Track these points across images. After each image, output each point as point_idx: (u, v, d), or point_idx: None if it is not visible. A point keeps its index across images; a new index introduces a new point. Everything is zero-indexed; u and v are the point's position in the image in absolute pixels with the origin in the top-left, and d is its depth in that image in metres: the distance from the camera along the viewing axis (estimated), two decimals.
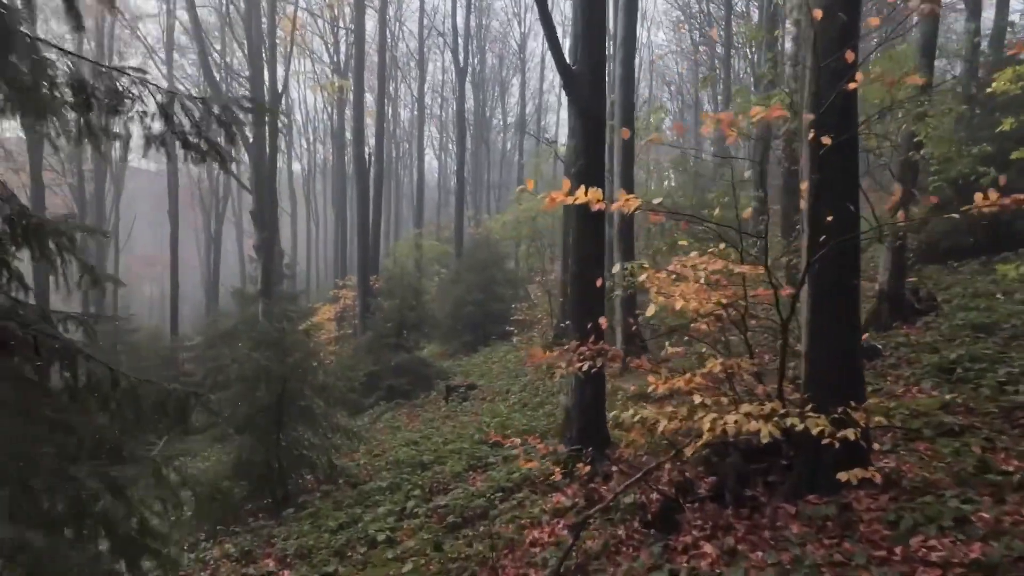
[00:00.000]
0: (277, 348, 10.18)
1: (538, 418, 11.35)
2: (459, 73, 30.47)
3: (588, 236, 7.21)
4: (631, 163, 13.60)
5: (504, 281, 24.84)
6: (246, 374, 10.08)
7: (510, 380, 16.19)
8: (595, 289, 7.25)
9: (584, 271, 7.22)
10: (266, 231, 18.01)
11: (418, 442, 12.18)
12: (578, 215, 7.23)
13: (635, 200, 4.63)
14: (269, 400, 10.07)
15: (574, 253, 7.25)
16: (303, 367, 10.27)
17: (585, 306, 7.24)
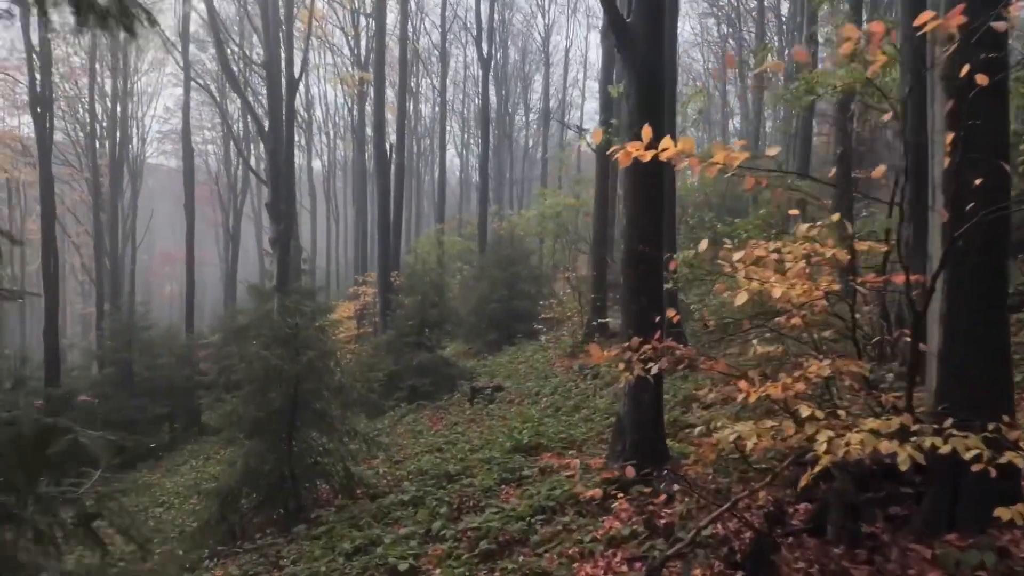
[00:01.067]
0: (289, 346, 9.24)
1: (574, 424, 10.31)
2: (483, 64, 29.51)
3: (646, 212, 6.18)
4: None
5: (529, 278, 23.80)
6: (255, 374, 9.16)
7: (539, 381, 15.16)
8: (654, 276, 6.24)
9: (641, 254, 6.19)
10: (282, 224, 17.16)
11: (442, 449, 11.20)
12: (636, 191, 6.21)
13: (737, 154, 3.58)
14: (281, 402, 9.14)
15: (629, 233, 6.21)
16: (318, 366, 9.32)
17: (642, 296, 6.22)
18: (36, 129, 18.96)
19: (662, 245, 6.48)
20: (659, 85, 6.24)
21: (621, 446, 6.28)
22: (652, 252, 6.15)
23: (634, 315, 6.16)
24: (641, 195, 6.20)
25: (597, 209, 17.33)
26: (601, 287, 17.81)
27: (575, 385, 13.90)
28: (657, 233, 6.29)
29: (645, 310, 6.05)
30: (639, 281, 6.20)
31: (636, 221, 6.19)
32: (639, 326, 5.96)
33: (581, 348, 17.36)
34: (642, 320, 6.01)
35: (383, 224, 22.16)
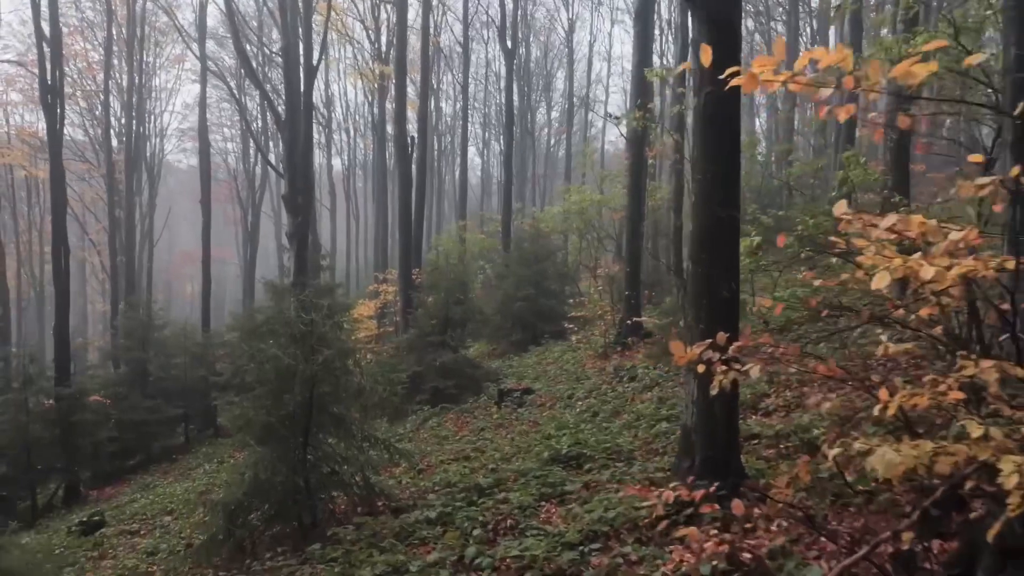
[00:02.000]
0: (304, 344, 8.36)
1: (616, 431, 9.33)
2: (506, 56, 28.57)
3: (730, 172, 5.18)
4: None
5: (555, 275, 22.86)
6: (267, 375, 8.29)
7: (571, 384, 14.21)
8: (729, 263, 5.26)
9: (726, 222, 5.20)
10: (299, 217, 16.34)
11: (470, 457, 10.29)
12: (720, 144, 5.22)
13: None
14: (295, 406, 8.26)
15: (707, 198, 5.18)
16: (335, 366, 8.43)
17: (727, 281, 5.23)
18: (47, 120, 18.32)
19: (739, 226, 5.48)
20: (735, 35, 5.26)
21: (688, 462, 5.30)
22: (723, 239, 5.19)
23: (716, 305, 5.16)
24: (726, 151, 5.19)
25: (630, 200, 16.32)
26: (635, 283, 16.81)
27: (611, 388, 12.93)
28: (735, 203, 5.30)
29: (731, 300, 5.09)
30: (723, 261, 5.20)
31: (720, 181, 5.16)
32: (723, 318, 4.99)
33: (614, 348, 16.39)
34: (727, 311, 5.06)
35: (404, 218, 21.29)
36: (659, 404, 10.11)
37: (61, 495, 17.94)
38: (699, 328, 5.26)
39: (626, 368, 13.84)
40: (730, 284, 5.24)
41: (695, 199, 5.39)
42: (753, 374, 3.75)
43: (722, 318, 5.13)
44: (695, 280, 5.34)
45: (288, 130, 16.22)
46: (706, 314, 5.20)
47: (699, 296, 5.30)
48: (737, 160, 5.32)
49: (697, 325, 5.28)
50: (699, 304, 5.27)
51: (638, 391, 12.14)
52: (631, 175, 16.46)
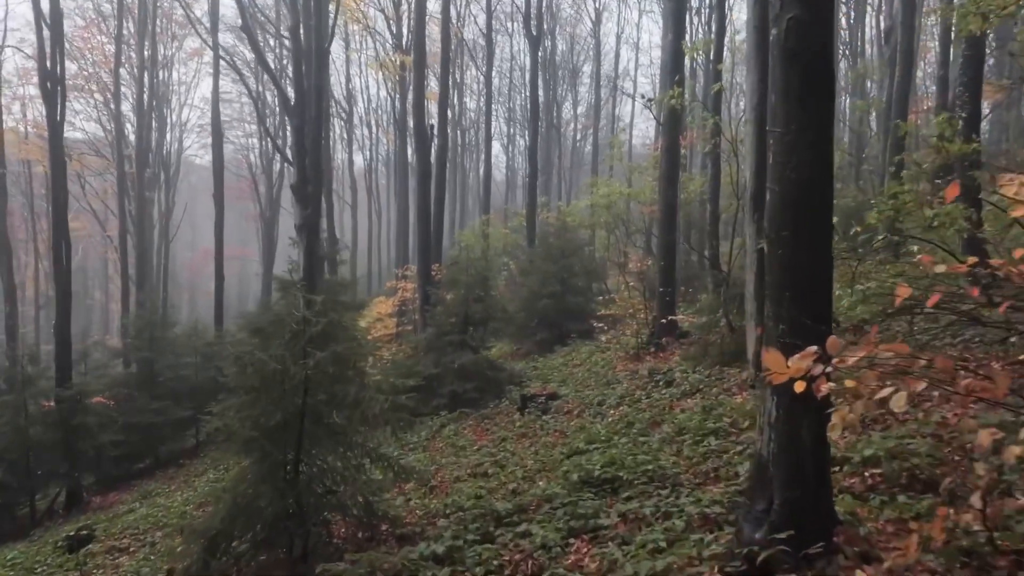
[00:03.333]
0: (294, 346, 7.22)
1: (656, 447, 8.04)
2: (532, 44, 27.32)
3: (810, 132, 3.87)
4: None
5: (583, 271, 21.54)
6: (250, 380, 7.15)
7: (602, 389, 12.93)
8: (820, 241, 3.98)
9: (801, 207, 3.91)
10: (309, 208, 15.28)
11: (488, 474, 9.09)
12: (797, 95, 3.93)
13: None
14: (282, 416, 7.12)
15: (782, 176, 3.90)
16: (329, 372, 7.26)
17: (802, 273, 3.95)
18: (46, 109, 17.42)
19: (832, 204, 4.18)
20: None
21: (764, 503, 4.03)
22: (817, 220, 3.91)
23: (803, 299, 3.83)
24: (815, 94, 3.87)
25: (665, 187, 14.99)
26: (669, 279, 15.49)
27: (645, 393, 11.64)
28: (831, 161, 3.99)
29: (822, 291, 3.83)
30: (812, 240, 3.87)
31: (808, 133, 3.82)
32: (811, 315, 3.73)
33: (647, 349, 15.10)
34: (818, 306, 3.79)
35: (423, 211, 20.16)
36: (704, 415, 8.81)
37: (63, 501, 17.11)
38: (779, 329, 3.98)
39: (662, 371, 12.56)
40: (822, 270, 3.95)
41: (773, 160, 4.10)
42: (898, 404, 2.47)
43: (811, 314, 3.85)
44: (775, 266, 4.05)
45: (297, 115, 15.15)
46: (789, 311, 3.91)
47: (779, 287, 4.01)
48: (829, 107, 4.02)
49: (777, 325, 3.99)
50: (779, 298, 3.98)
51: (677, 397, 10.85)
52: (665, 160, 15.13)
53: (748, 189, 10.73)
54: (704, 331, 14.02)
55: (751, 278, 10.66)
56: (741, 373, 11.13)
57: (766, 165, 10.40)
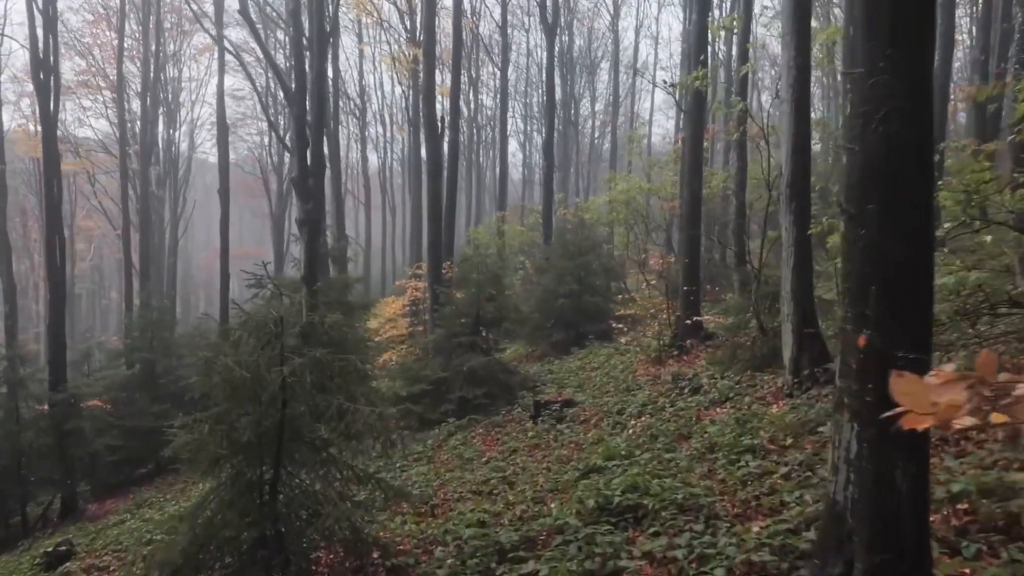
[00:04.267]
0: (271, 352, 6.31)
1: (685, 466, 7.05)
2: (548, 34, 26.35)
3: (903, 79, 2.86)
4: None
5: (601, 270, 20.52)
6: (217, 390, 6.25)
7: (621, 396, 11.95)
8: (917, 219, 2.97)
9: (892, 175, 2.91)
10: (310, 202, 14.40)
11: (495, 493, 8.14)
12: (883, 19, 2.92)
13: None
14: (254, 432, 6.21)
15: (864, 134, 2.89)
16: (315, 378, 6.34)
17: (890, 262, 2.94)
18: (39, 100, 16.73)
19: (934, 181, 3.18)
20: None
21: (841, 568, 3.02)
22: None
23: (891, 294, 2.84)
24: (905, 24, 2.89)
25: (689, 177, 13.95)
26: (693, 277, 14.47)
27: (669, 402, 10.64)
28: (931, 117, 3.00)
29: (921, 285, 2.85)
30: (905, 217, 2.86)
31: (900, 82, 2.84)
32: (905, 317, 2.76)
33: (670, 352, 14.10)
34: (917, 304, 2.81)
35: (434, 206, 19.24)
36: (738, 428, 7.80)
37: (57, 509, 16.41)
38: (859, 333, 2.97)
39: (687, 377, 11.55)
40: (921, 256, 2.95)
41: (852, 112, 3.10)
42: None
43: (906, 316, 2.86)
44: (856, 252, 3.04)
45: (297, 102, 14.28)
46: (877, 311, 2.92)
47: (862, 280, 3.01)
48: (930, 40, 3.02)
49: (858, 330, 2.99)
50: (862, 294, 2.98)
51: (705, 407, 9.85)
52: (689, 148, 14.09)
53: (784, 176, 9.72)
54: (732, 333, 13.00)
55: (788, 275, 9.65)
56: (776, 380, 10.12)
57: (806, 146, 9.32)
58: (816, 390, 9.03)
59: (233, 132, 42.11)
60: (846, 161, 3.13)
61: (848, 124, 3.10)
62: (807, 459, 6.24)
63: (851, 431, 3.05)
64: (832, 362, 9.63)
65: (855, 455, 3.02)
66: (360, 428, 6.11)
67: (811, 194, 10.09)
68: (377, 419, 6.06)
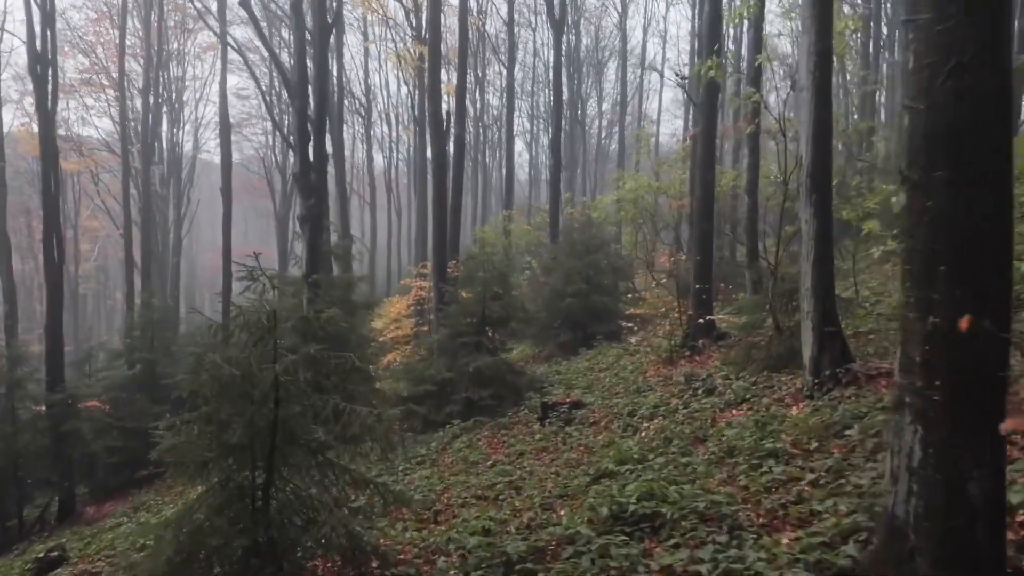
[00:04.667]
0: (263, 349, 5.93)
1: (703, 471, 6.63)
2: (555, 29, 25.98)
3: (975, 44, 2.44)
4: None
5: (609, 269, 20.09)
6: (205, 389, 5.87)
7: (631, 397, 11.53)
8: (1001, 201, 2.54)
9: (964, 136, 2.49)
10: (312, 199, 14.05)
11: (501, 499, 7.74)
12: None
13: None
14: (251, 432, 5.84)
15: (930, 87, 2.47)
16: (311, 376, 5.96)
17: (973, 249, 2.52)
18: (35, 94, 16.42)
19: None
20: None
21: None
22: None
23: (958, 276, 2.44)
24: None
25: (701, 172, 13.55)
26: (705, 275, 14.04)
27: (682, 403, 10.21)
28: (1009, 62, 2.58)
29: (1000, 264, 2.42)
30: (982, 184, 2.43)
31: (982, 39, 2.41)
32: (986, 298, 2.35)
33: (681, 352, 13.66)
34: (996, 285, 2.40)
35: (439, 204, 18.86)
36: (759, 431, 7.38)
37: (55, 512, 16.09)
38: (930, 323, 2.55)
39: (700, 377, 11.12)
40: (1000, 231, 2.53)
41: (915, 65, 2.68)
42: None
43: (983, 301, 2.45)
44: (922, 226, 2.62)
45: (298, 97, 13.92)
46: (949, 294, 2.50)
47: (930, 259, 2.59)
48: None
49: (924, 317, 2.57)
50: (928, 275, 2.56)
51: (720, 408, 9.42)
52: (702, 142, 13.67)
53: (804, 166, 9.28)
54: (746, 332, 12.56)
55: (808, 270, 9.21)
56: (794, 380, 9.69)
57: (827, 135, 8.87)
58: (838, 391, 8.60)
59: (238, 132, 41.94)
60: (908, 122, 2.71)
61: (911, 79, 2.69)
62: (836, 464, 5.81)
63: (914, 435, 2.64)
64: (854, 362, 9.21)
65: (919, 462, 2.61)
66: (357, 430, 5.71)
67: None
68: (376, 421, 5.66)
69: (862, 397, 7.79)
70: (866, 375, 8.74)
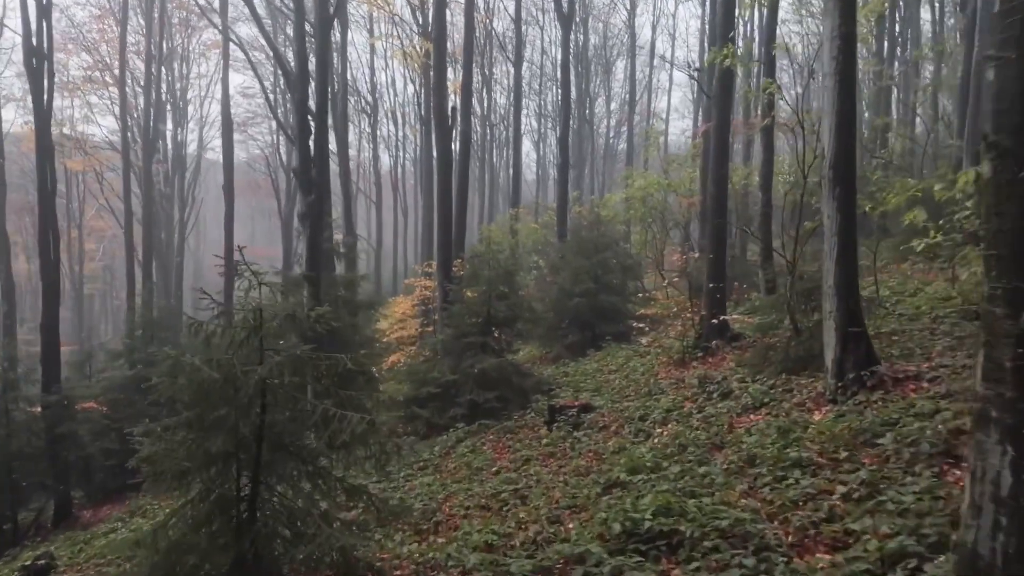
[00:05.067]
0: (249, 344, 5.50)
1: (722, 482, 6.16)
2: (563, 23, 25.51)
3: None
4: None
5: (618, 268, 19.58)
6: (182, 393, 5.43)
7: (643, 400, 11.04)
8: None
9: None
10: (313, 194, 13.63)
11: (505, 510, 7.28)
12: None
13: None
14: (235, 440, 5.41)
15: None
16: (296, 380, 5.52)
17: None
18: (31, 88, 16.04)
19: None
20: None
21: None
22: None
23: None
24: None
25: (715, 166, 13.05)
26: (719, 273, 13.55)
27: (697, 407, 9.73)
28: None
29: None
30: None
31: None
32: None
33: (694, 354, 13.17)
34: None
35: (443, 201, 18.42)
36: (781, 439, 6.89)
37: (51, 515, 15.72)
38: (1016, 316, 2.08)
39: (714, 380, 10.64)
40: None
41: (1000, 11, 2.21)
42: None
43: None
44: (1014, 199, 2.15)
45: (299, 89, 13.51)
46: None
47: None
48: None
49: (1015, 309, 2.10)
50: (1020, 260, 2.10)
51: (737, 413, 8.94)
52: (715, 136, 13.16)
53: (827, 158, 8.79)
54: (762, 333, 12.07)
55: (831, 267, 8.70)
56: (815, 383, 9.20)
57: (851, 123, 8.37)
58: (863, 395, 8.11)
59: (244, 131, 41.67)
60: (994, 77, 2.23)
61: (998, 23, 2.22)
62: (870, 477, 5.32)
63: (1002, 457, 2.17)
64: (880, 364, 8.72)
65: (1009, 491, 2.14)
66: (347, 438, 5.26)
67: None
68: (368, 427, 5.21)
69: (890, 402, 7.30)
70: (893, 378, 8.25)
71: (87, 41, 30.26)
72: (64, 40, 28.63)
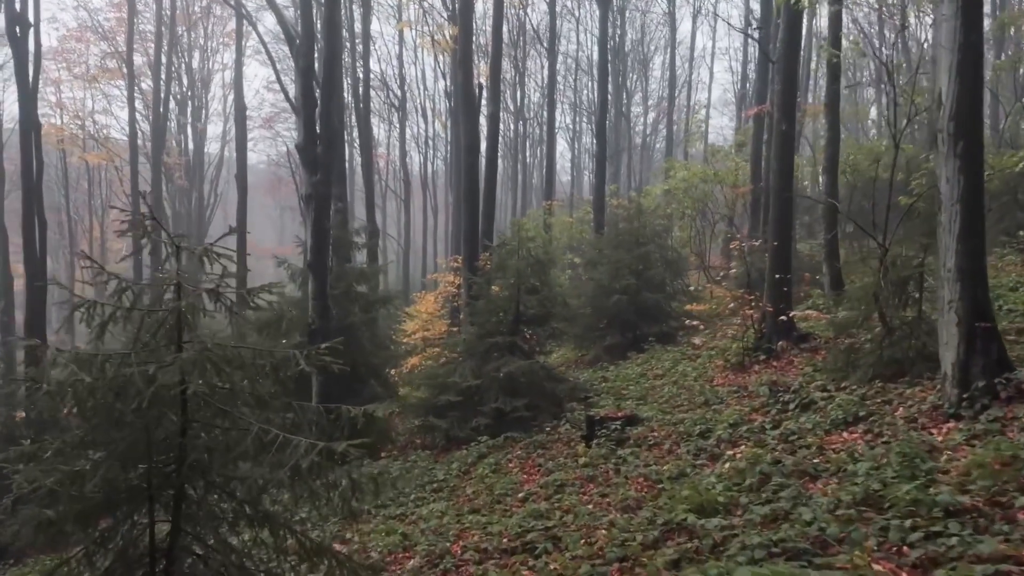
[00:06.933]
0: (162, 334, 3.84)
1: (834, 530, 4.32)
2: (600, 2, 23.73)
3: None
4: None
5: (662, 263, 17.65)
6: (87, 409, 3.77)
7: (700, 412, 9.19)
8: None
9: None
10: (318, 174, 12.06)
11: (534, 556, 5.53)
12: None
13: None
14: (138, 474, 3.74)
15: None
16: (214, 383, 3.85)
17: None
18: (15, 61, 14.75)
19: None
20: None
21: None
22: None
23: None
24: None
25: (778, 142, 11.13)
26: (784, 264, 11.67)
27: (770, 421, 7.89)
28: None
29: None
30: None
31: None
32: None
33: (754, 356, 11.29)
34: None
35: (470, 189, 16.76)
36: (905, 468, 5.03)
37: None
38: None
39: (789, 388, 8.76)
40: None
41: None
42: None
43: None
44: None
45: (304, 56, 11.96)
46: None
47: None
48: None
49: None
50: None
51: (826, 429, 7.07)
52: (778, 106, 11.24)
53: (945, 106, 6.86)
54: (839, 331, 10.13)
55: (951, 244, 6.75)
56: (922, 392, 7.31)
57: (978, 62, 6.39)
58: (996, 408, 6.21)
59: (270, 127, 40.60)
60: None
61: None
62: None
63: None
64: (1013, 370, 6.78)
65: None
66: (290, 473, 3.54)
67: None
68: (322, 458, 3.50)
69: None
70: None
71: (103, 30, 29.24)
72: (81, 29, 27.76)
